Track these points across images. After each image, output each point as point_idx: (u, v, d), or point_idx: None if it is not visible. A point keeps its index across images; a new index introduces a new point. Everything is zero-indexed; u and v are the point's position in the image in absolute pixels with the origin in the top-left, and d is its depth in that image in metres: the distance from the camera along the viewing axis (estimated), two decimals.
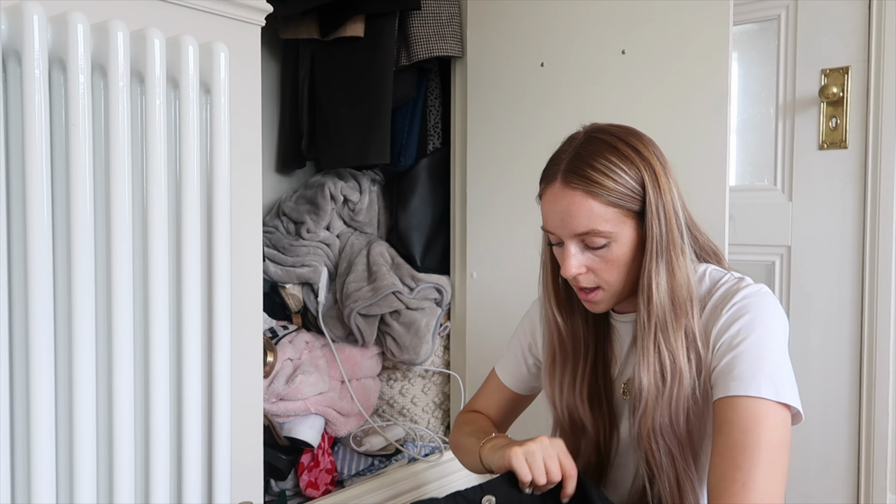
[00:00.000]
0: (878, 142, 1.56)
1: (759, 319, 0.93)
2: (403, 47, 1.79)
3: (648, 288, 0.95)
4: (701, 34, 1.43)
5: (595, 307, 1.01)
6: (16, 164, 0.93)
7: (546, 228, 1.00)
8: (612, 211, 0.94)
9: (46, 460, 0.95)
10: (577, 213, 0.94)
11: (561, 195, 0.96)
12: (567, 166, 0.97)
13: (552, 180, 0.98)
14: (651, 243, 0.95)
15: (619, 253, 0.96)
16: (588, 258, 0.97)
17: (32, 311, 0.93)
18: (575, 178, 0.95)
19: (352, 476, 1.75)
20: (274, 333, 1.73)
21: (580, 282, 0.98)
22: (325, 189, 1.84)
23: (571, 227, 0.95)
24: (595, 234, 0.95)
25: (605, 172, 0.94)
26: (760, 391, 0.88)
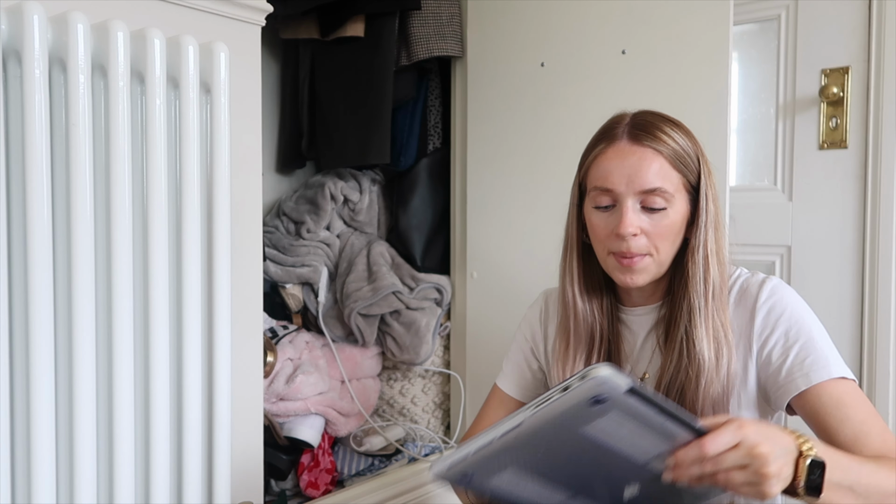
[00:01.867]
0: (878, 142, 1.56)
1: (797, 312, 0.96)
2: (404, 47, 1.79)
3: (705, 258, 0.97)
4: (701, 34, 1.43)
5: (636, 278, 0.98)
6: (16, 164, 0.93)
7: (603, 186, 0.97)
8: (675, 175, 0.96)
9: (47, 461, 0.95)
10: (647, 168, 0.95)
11: (629, 151, 0.96)
12: (632, 126, 0.98)
13: (616, 139, 0.98)
14: (705, 215, 0.97)
15: (672, 220, 0.96)
16: (643, 220, 0.96)
17: (33, 311, 0.93)
18: (644, 136, 0.96)
19: (352, 476, 1.75)
20: (274, 333, 1.73)
21: (631, 245, 0.96)
22: (326, 189, 1.84)
23: (639, 183, 0.95)
24: (660, 192, 0.95)
25: (671, 136, 0.97)
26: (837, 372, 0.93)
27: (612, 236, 0.97)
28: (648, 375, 1.05)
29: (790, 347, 0.95)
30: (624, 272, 0.99)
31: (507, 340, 1.24)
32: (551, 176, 1.67)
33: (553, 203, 1.68)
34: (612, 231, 0.97)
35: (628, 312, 1.07)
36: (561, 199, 1.68)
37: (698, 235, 0.97)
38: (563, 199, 1.64)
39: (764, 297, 0.97)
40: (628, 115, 1.01)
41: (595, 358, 1.06)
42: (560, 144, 1.65)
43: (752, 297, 0.99)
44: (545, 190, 1.68)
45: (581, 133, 1.61)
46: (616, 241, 0.97)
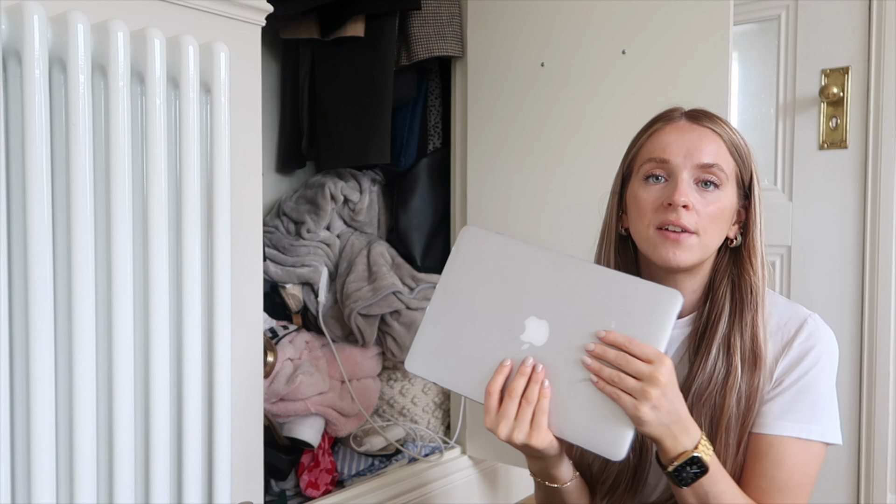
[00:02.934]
0: (878, 142, 1.56)
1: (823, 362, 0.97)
2: (404, 47, 1.79)
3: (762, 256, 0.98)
4: (701, 34, 1.43)
5: (680, 255, 0.94)
6: (16, 164, 0.93)
7: (660, 157, 0.96)
8: (731, 161, 0.97)
9: (47, 461, 0.95)
10: (707, 144, 0.95)
11: (689, 128, 0.97)
12: (690, 111, 0.99)
13: (673, 120, 0.99)
14: (757, 216, 0.98)
15: (724, 205, 0.95)
16: (696, 197, 0.94)
17: (33, 311, 0.93)
18: (704, 118, 0.97)
19: (352, 476, 1.75)
20: (274, 333, 1.73)
21: (682, 216, 0.92)
22: (326, 189, 1.84)
23: (697, 156, 0.94)
24: (717, 169, 0.94)
25: (729, 126, 0.98)
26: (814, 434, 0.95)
27: (661, 208, 0.94)
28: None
29: (788, 389, 0.96)
30: (668, 247, 0.94)
31: None
32: (551, 176, 1.67)
33: (553, 203, 1.68)
34: (663, 202, 0.94)
35: None
36: (561, 199, 1.69)
37: (756, 236, 0.98)
38: (564, 198, 1.65)
39: (802, 338, 0.97)
40: (682, 108, 1.02)
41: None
42: (560, 144, 1.65)
43: (791, 332, 0.98)
44: (545, 190, 1.68)
45: (581, 133, 1.62)
46: (665, 213, 0.94)
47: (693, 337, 1.00)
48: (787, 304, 1.02)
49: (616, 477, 1.02)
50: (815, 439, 0.95)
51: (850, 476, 1.62)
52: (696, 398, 0.96)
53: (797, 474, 0.94)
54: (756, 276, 0.97)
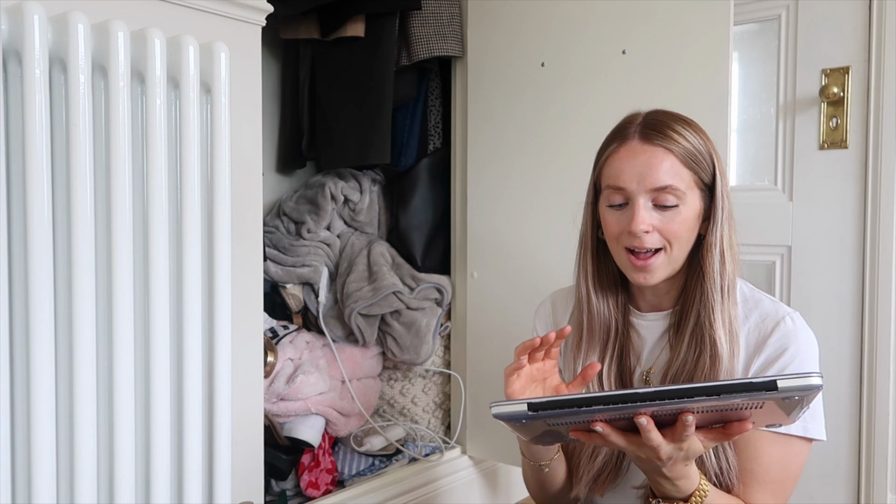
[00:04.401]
0: (878, 142, 1.56)
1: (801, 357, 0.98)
2: (404, 47, 1.79)
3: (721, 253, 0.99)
4: (701, 34, 1.43)
5: (650, 277, 1.00)
6: (16, 164, 0.93)
7: (615, 185, 0.99)
8: (686, 173, 0.98)
9: (47, 461, 0.95)
10: (657, 167, 0.96)
11: (640, 150, 0.98)
12: (644, 126, 0.99)
13: (628, 138, 0.99)
14: (721, 212, 0.99)
15: (685, 217, 0.98)
16: (656, 218, 0.98)
17: (33, 311, 0.93)
18: (655, 135, 0.98)
19: (352, 476, 1.75)
20: (274, 333, 1.73)
21: (646, 241, 0.98)
22: (326, 189, 1.84)
23: (650, 181, 0.96)
24: (671, 190, 0.96)
25: (683, 135, 0.98)
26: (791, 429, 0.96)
27: (625, 233, 0.99)
28: (655, 371, 1.06)
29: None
30: (637, 272, 1.00)
31: (507, 340, 1.25)
32: (552, 176, 1.67)
33: (553, 203, 1.68)
34: (625, 228, 0.99)
35: (640, 317, 1.08)
36: (561, 199, 1.69)
37: (715, 231, 0.99)
38: (564, 198, 1.65)
39: (777, 336, 0.99)
40: (641, 114, 1.02)
41: (609, 353, 1.07)
42: (560, 144, 1.65)
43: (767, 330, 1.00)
44: (546, 190, 1.68)
45: (581, 133, 1.61)
46: (629, 238, 0.99)
47: (672, 328, 1.05)
48: (770, 302, 1.04)
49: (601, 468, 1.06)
50: (795, 434, 0.96)
51: (850, 476, 1.62)
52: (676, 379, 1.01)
53: (775, 469, 0.96)
54: (711, 268, 0.99)
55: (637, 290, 1.09)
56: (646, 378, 1.07)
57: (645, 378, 1.07)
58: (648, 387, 1.06)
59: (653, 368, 1.07)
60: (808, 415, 0.97)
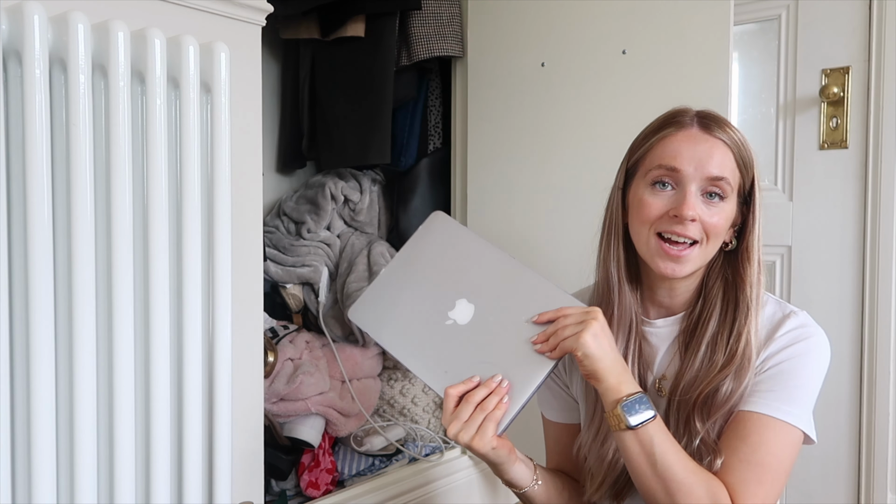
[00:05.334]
0: (878, 142, 1.56)
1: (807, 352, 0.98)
2: (404, 47, 1.79)
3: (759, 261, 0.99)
4: (701, 34, 1.43)
5: (679, 268, 0.97)
6: (16, 165, 0.93)
7: (670, 165, 0.96)
8: (737, 174, 0.97)
9: (47, 461, 0.95)
10: (719, 157, 0.95)
11: (702, 138, 0.97)
12: (703, 118, 0.98)
13: (686, 126, 0.98)
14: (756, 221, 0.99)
15: (726, 215, 0.97)
16: (703, 209, 0.96)
17: (33, 311, 0.93)
18: (716, 128, 0.97)
19: (352, 476, 1.75)
20: (274, 333, 1.73)
21: (688, 229, 0.95)
22: (326, 189, 1.84)
23: (708, 169, 0.95)
24: (725, 183, 0.95)
25: (739, 136, 0.98)
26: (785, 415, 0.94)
27: (665, 217, 0.96)
28: (667, 378, 1.04)
29: (768, 372, 0.97)
30: (667, 262, 0.97)
31: None
32: (552, 175, 1.67)
33: (554, 202, 1.68)
34: (669, 212, 0.96)
35: (649, 325, 1.06)
36: (561, 199, 1.69)
37: (754, 241, 0.99)
38: (564, 198, 1.65)
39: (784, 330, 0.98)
40: (692, 109, 1.01)
41: (631, 352, 1.04)
42: (561, 144, 1.65)
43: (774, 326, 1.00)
44: (546, 189, 1.68)
45: (582, 133, 1.61)
46: (670, 223, 0.96)
47: (684, 333, 1.02)
48: (777, 302, 1.03)
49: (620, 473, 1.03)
50: (786, 420, 0.94)
51: (850, 476, 1.62)
52: (683, 393, 0.99)
53: (762, 451, 0.93)
54: (750, 282, 0.98)
55: (649, 291, 1.06)
56: (658, 386, 1.04)
57: (657, 386, 1.05)
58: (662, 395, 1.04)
59: (665, 375, 1.04)
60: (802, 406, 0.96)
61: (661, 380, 1.04)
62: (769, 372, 0.96)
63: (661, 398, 1.04)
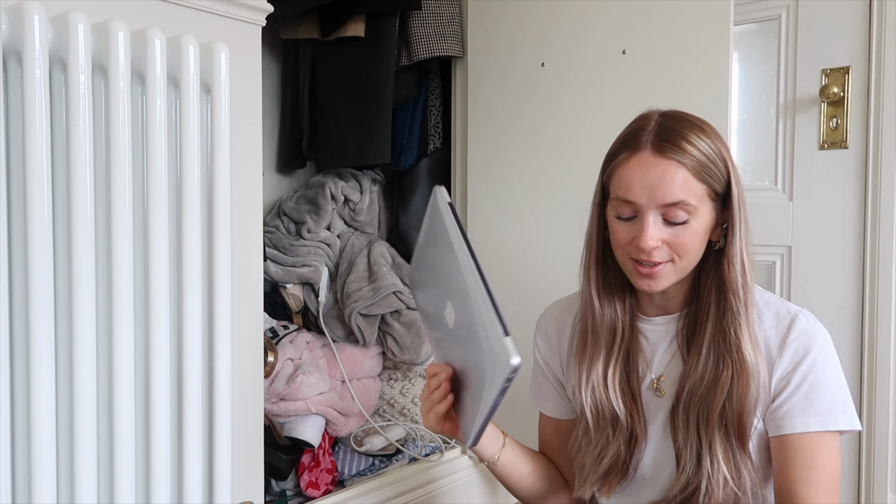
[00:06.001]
0: (878, 142, 1.56)
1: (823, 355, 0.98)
2: (404, 47, 1.79)
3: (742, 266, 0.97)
4: (701, 34, 1.43)
5: (655, 284, 0.98)
6: (16, 165, 0.93)
7: (624, 198, 0.96)
8: (699, 186, 0.94)
9: (47, 461, 0.95)
10: (670, 182, 0.93)
11: (652, 163, 0.94)
12: (657, 136, 0.95)
13: (639, 149, 0.95)
14: (738, 223, 0.97)
15: (696, 230, 0.96)
16: (665, 232, 0.95)
17: (33, 311, 0.93)
18: (669, 147, 0.94)
19: (352, 476, 1.75)
20: (274, 333, 1.73)
21: (654, 256, 0.96)
22: (326, 189, 1.84)
23: (660, 197, 0.93)
24: (683, 206, 0.94)
25: (697, 146, 0.94)
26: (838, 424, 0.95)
27: (632, 245, 0.97)
28: (665, 379, 1.04)
29: (799, 389, 0.96)
30: (643, 280, 0.98)
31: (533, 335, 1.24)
32: (552, 176, 1.67)
33: (553, 203, 1.68)
34: (633, 242, 0.97)
35: (647, 322, 1.07)
36: (561, 199, 1.69)
37: (735, 243, 0.97)
38: (564, 198, 1.65)
39: (795, 335, 0.98)
40: (654, 118, 0.98)
41: (614, 357, 1.05)
42: (561, 144, 1.65)
43: (783, 330, 0.99)
44: (546, 190, 1.68)
45: (582, 133, 1.61)
46: (636, 250, 0.97)
47: (683, 333, 1.03)
48: (778, 301, 1.03)
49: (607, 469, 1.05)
50: (841, 429, 0.95)
51: (850, 476, 1.62)
52: (690, 395, 0.99)
53: (829, 471, 0.94)
54: (734, 288, 0.97)
55: (643, 294, 1.07)
56: (656, 386, 1.05)
57: (655, 386, 1.05)
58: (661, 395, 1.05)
59: (664, 376, 1.04)
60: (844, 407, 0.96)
61: (660, 380, 1.04)
62: (803, 387, 0.96)
63: (658, 398, 1.05)
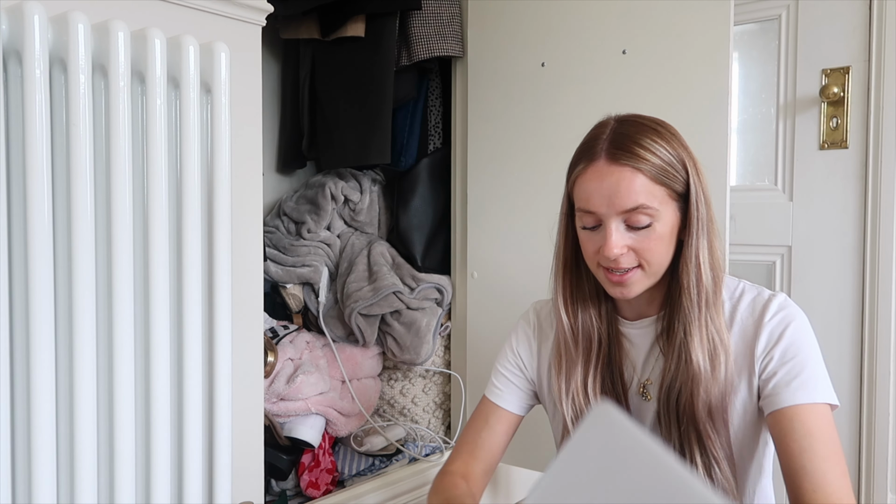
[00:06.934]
0: (878, 142, 1.56)
1: (801, 330, 0.98)
2: (404, 47, 1.79)
3: (697, 266, 0.97)
4: (701, 34, 1.43)
5: (628, 291, 0.98)
6: (16, 164, 0.93)
7: (585, 208, 0.97)
8: (658, 189, 0.94)
9: (47, 461, 0.95)
10: (626, 188, 0.93)
11: (608, 171, 0.94)
12: (611, 144, 0.96)
13: (594, 158, 0.96)
14: (696, 222, 0.96)
15: (660, 233, 0.95)
16: (629, 238, 0.95)
17: (33, 312, 0.93)
18: (623, 155, 0.94)
19: (352, 476, 1.75)
20: (275, 333, 1.73)
21: (621, 262, 0.96)
22: (326, 189, 1.84)
23: (619, 204, 0.93)
24: (642, 210, 0.93)
25: (652, 150, 0.94)
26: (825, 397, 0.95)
27: (600, 254, 0.97)
28: (652, 382, 1.04)
29: (784, 364, 0.96)
30: (615, 287, 0.99)
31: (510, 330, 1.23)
32: (552, 176, 1.67)
33: (553, 203, 1.67)
34: (600, 251, 0.97)
35: (629, 326, 1.06)
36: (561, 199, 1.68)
37: (690, 243, 0.97)
38: None
39: (770, 315, 0.98)
40: (609, 125, 0.99)
41: (592, 366, 1.04)
42: (560, 144, 1.65)
43: (758, 313, 0.99)
44: (546, 190, 1.68)
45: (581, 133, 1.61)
46: (605, 259, 0.97)
47: (660, 337, 1.03)
48: (752, 287, 1.03)
49: None
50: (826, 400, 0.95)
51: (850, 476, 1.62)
52: (669, 392, 0.99)
53: (830, 441, 0.93)
54: (689, 282, 0.97)
55: (621, 301, 1.06)
56: (643, 390, 1.05)
57: (642, 390, 1.05)
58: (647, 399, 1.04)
59: (650, 380, 1.04)
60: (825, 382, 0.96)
61: (647, 384, 1.04)
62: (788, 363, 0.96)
63: (645, 402, 1.05)
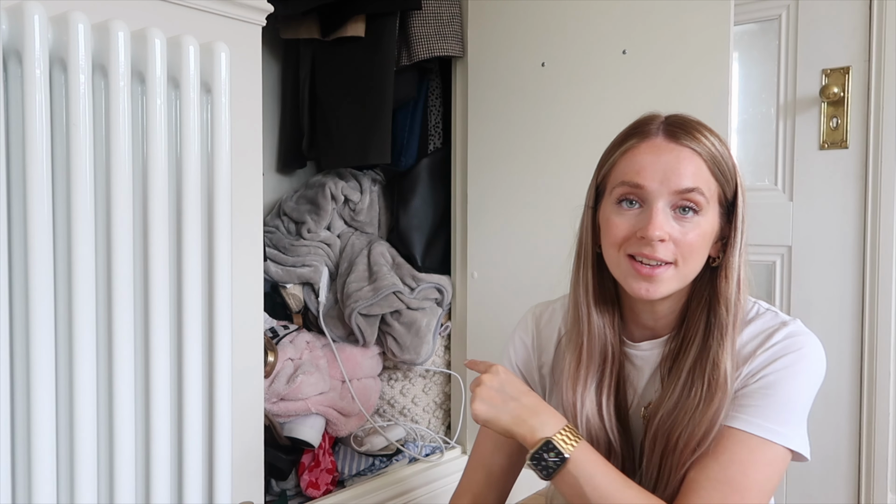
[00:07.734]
0: (878, 142, 1.56)
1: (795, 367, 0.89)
2: (404, 47, 1.79)
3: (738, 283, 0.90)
4: (701, 34, 1.43)
5: (654, 289, 0.88)
6: (16, 164, 0.93)
7: (633, 181, 0.88)
8: (713, 182, 0.89)
9: (47, 461, 0.95)
10: (686, 167, 0.86)
11: (667, 148, 0.88)
12: (669, 124, 0.90)
13: (651, 135, 0.89)
14: (740, 235, 0.90)
15: (703, 231, 0.88)
16: (673, 227, 0.87)
17: (33, 312, 0.93)
18: (683, 135, 0.88)
19: (352, 476, 1.75)
20: (275, 333, 1.73)
21: (657, 250, 0.87)
22: (326, 189, 1.84)
23: (675, 182, 0.86)
24: (697, 194, 0.87)
25: (711, 140, 0.89)
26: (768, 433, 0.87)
27: (633, 239, 0.89)
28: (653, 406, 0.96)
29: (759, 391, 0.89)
30: (640, 282, 0.89)
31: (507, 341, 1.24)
32: (552, 176, 1.67)
33: (553, 203, 1.68)
34: (636, 233, 0.88)
35: (632, 347, 0.99)
36: (561, 200, 1.69)
37: (734, 255, 0.90)
38: (564, 199, 1.65)
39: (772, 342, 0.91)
40: (661, 115, 0.93)
41: (607, 383, 0.97)
42: (560, 144, 1.65)
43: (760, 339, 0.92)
44: (546, 190, 1.68)
45: (581, 133, 1.61)
46: (638, 244, 0.88)
47: (667, 359, 0.96)
48: (773, 314, 0.95)
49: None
50: (767, 437, 0.86)
51: (850, 476, 1.62)
52: (663, 420, 0.92)
53: (733, 470, 0.85)
54: (727, 302, 0.89)
55: (631, 313, 0.99)
56: (644, 414, 0.97)
57: (643, 414, 0.97)
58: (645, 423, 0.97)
59: (651, 403, 0.96)
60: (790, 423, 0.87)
61: (648, 408, 0.97)
62: (753, 386, 0.89)
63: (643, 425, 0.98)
